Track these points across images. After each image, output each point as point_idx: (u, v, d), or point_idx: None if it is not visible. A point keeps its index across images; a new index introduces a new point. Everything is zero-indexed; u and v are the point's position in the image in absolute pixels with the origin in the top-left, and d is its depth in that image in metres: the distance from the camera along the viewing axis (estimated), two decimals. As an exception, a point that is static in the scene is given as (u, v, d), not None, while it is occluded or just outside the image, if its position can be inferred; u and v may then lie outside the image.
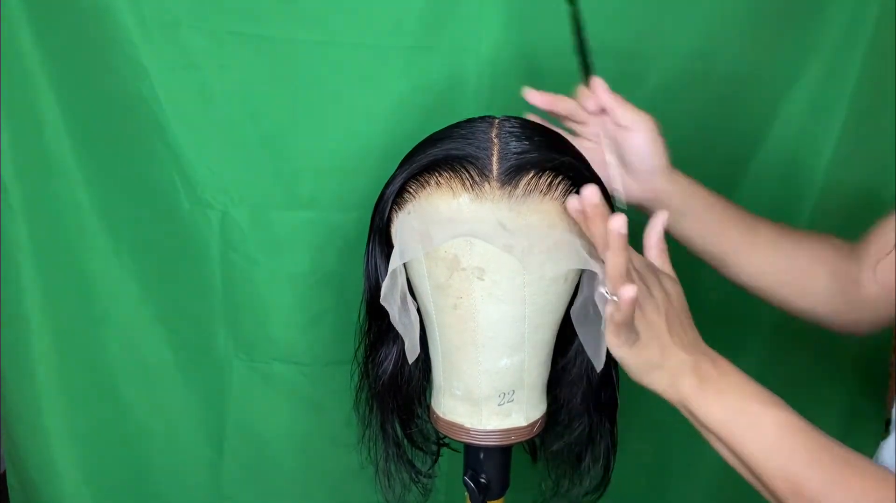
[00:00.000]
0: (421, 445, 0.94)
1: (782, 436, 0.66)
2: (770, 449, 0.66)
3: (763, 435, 0.66)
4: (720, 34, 1.01)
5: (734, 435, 0.68)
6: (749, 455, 0.67)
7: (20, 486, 1.18)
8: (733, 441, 0.68)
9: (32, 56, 0.97)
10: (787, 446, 0.65)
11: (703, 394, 0.69)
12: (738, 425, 0.68)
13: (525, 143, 0.74)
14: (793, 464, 0.65)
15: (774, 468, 0.66)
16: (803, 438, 0.65)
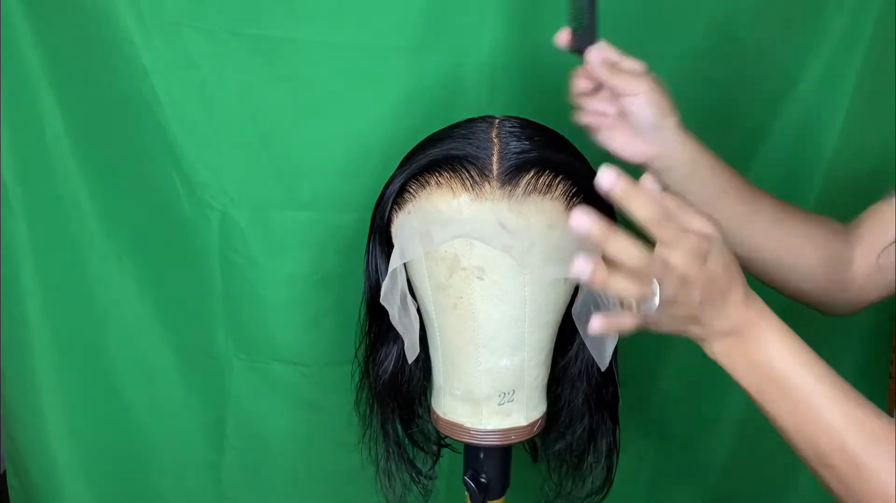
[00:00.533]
0: (421, 445, 0.94)
1: (812, 418, 0.65)
2: (798, 425, 0.65)
3: (792, 412, 0.65)
4: (720, 34, 1.01)
5: (763, 402, 0.67)
6: (778, 422, 0.67)
7: (20, 486, 1.18)
8: (763, 406, 0.67)
9: (32, 56, 0.97)
10: (813, 429, 0.65)
11: (731, 361, 0.68)
12: (767, 397, 0.67)
13: (525, 142, 0.74)
14: (819, 443, 0.64)
15: (802, 440, 0.65)
16: (833, 419, 0.64)
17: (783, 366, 0.65)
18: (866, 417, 0.64)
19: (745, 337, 0.66)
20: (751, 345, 0.66)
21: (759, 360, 0.66)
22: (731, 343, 0.66)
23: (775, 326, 0.66)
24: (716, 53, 1.02)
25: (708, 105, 1.05)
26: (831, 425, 0.64)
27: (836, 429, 0.64)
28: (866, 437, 0.63)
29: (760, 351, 0.66)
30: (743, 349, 0.66)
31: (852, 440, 0.63)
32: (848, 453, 0.63)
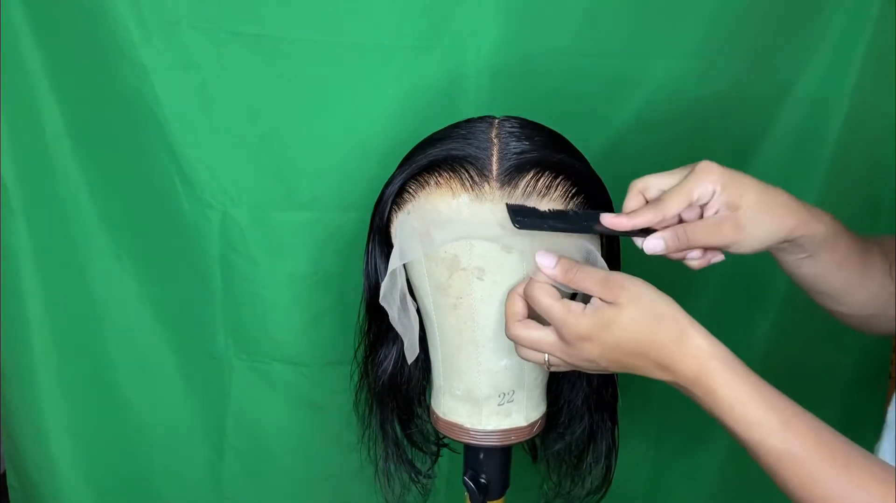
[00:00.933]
0: (420, 445, 0.94)
1: (779, 467, 0.61)
2: (769, 470, 0.62)
3: (760, 459, 0.62)
4: (720, 34, 1.01)
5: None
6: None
7: (20, 486, 1.18)
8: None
9: (32, 56, 0.97)
10: (782, 476, 0.61)
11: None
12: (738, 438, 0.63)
13: (525, 143, 0.74)
14: (790, 486, 0.61)
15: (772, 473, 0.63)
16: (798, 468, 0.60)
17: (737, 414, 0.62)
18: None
19: (693, 392, 0.64)
20: (704, 399, 0.64)
21: (714, 411, 0.63)
22: (688, 394, 0.65)
23: (721, 380, 0.63)
24: (715, 53, 1.02)
25: (708, 105, 1.05)
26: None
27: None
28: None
29: (715, 404, 0.63)
30: (699, 401, 0.64)
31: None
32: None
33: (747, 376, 0.63)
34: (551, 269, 0.68)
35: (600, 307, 0.65)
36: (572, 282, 0.67)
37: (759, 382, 0.63)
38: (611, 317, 0.64)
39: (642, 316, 0.64)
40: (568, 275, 0.68)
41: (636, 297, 0.64)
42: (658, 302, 0.65)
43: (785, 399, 0.62)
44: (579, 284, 0.67)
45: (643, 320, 0.64)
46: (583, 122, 0.97)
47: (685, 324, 0.64)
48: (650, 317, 0.64)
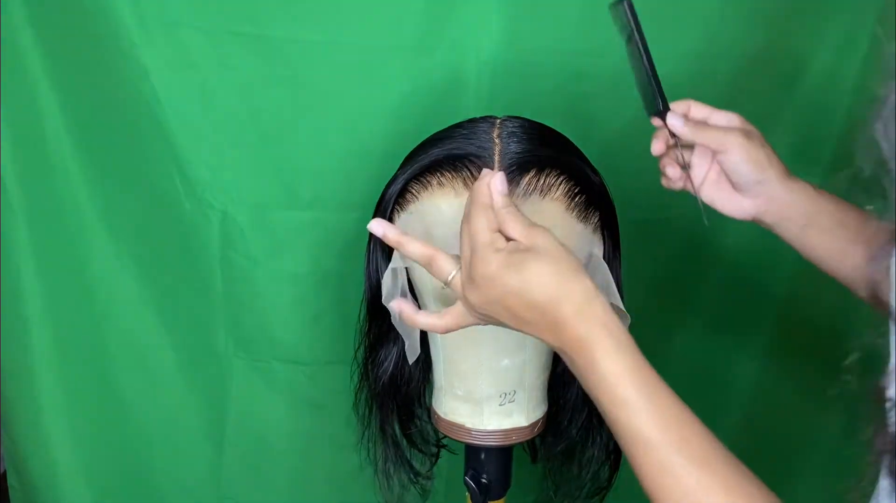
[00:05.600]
0: (420, 446, 0.94)
1: (635, 450, 0.59)
2: (626, 451, 0.60)
3: (620, 439, 0.61)
4: (720, 35, 1.01)
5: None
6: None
7: (20, 486, 1.18)
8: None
9: (32, 56, 0.97)
10: (638, 461, 0.59)
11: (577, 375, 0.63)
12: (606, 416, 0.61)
13: (526, 142, 0.74)
14: (643, 472, 0.59)
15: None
16: (653, 455, 0.58)
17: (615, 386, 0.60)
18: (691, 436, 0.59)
19: (574, 360, 0.62)
20: (584, 368, 0.61)
21: (589, 380, 0.61)
22: (569, 361, 0.63)
23: (603, 350, 0.60)
24: (716, 54, 1.02)
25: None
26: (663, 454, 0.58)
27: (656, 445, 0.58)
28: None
29: (592, 372, 0.60)
30: (579, 370, 0.62)
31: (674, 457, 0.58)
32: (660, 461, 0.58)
33: (632, 354, 0.61)
34: (500, 191, 0.64)
35: (515, 249, 0.62)
36: (503, 218, 0.63)
37: (641, 363, 0.61)
38: (522, 259, 0.61)
39: (553, 268, 0.61)
40: (504, 208, 0.64)
41: (552, 249, 0.62)
42: (571, 261, 0.62)
43: (663, 387, 0.61)
44: (506, 223, 0.63)
45: (552, 272, 0.61)
46: (583, 121, 0.97)
47: (592, 290, 0.61)
48: (560, 271, 0.61)
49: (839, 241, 0.76)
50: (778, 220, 0.77)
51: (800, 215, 0.76)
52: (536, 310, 0.61)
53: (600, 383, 0.60)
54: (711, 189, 0.79)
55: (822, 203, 0.77)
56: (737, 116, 0.77)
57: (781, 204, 0.77)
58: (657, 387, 0.60)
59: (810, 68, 1.07)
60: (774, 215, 0.77)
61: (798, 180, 0.77)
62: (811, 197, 0.76)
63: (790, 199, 0.76)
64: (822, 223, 0.76)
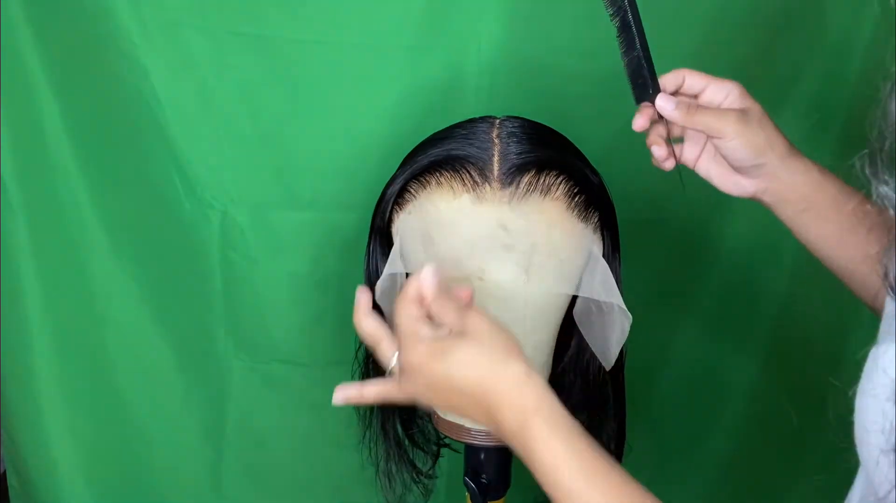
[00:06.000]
0: (422, 445, 0.94)
1: None
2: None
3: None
4: (720, 35, 1.01)
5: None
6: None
7: (20, 486, 1.18)
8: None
9: (32, 56, 0.97)
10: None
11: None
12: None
13: (526, 143, 0.74)
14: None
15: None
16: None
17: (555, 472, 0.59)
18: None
19: (512, 445, 0.60)
20: (522, 454, 0.60)
21: (544, 456, 0.59)
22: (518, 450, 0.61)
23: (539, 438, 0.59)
24: (714, 54, 1.02)
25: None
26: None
27: None
28: None
29: (533, 460, 0.59)
30: (518, 454, 0.61)
31: None
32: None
33: (567, 438, 0.59)
34: (430, 282, 0.62)
35: (441, 338, 0.61)
36: (436, 308, 0.62)
37: (577, 446, 0.59)
38: (448, 346, 0.60)
39: (480, 352, 0.59)
40: (434, 300, 0.62)
41: (483, 331, 0.60)
42: (505, 342, 0.60)
43: (602, 466, 0.58)
44: (438, 310, 0.62)
45: (479, 357, 0.59)
46: (583, 122, 0.96)
47: (523, 373, 0.59)
48: (489, 355, 0.59)
49: (837, 228, 0.73)
50: (776, 201, 0.74)
51: (799, 198, 0.73)
52: (465, 396, 0.60)
53: (538, 471, 0.59)
54: (708, 164, 0.76)
55: (824, 186, 0.73)
56: (736, 86, 0.73)
57: (781, 185, 0.73)
58: (596, 469, 0.58)
59: (811, 68, 1.07)
60: (773, 196, 0.74)
61: (802, 159, 0.73)
62: (814, 180, 0.73)
63: (791, 181, 0.73)
64: (821, 208, 0.73)
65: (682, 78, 0.75)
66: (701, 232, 1.15)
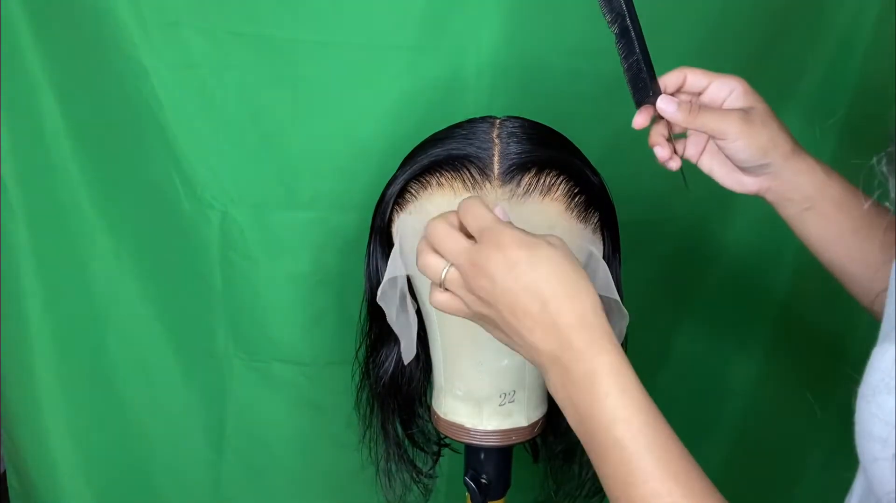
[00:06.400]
0: (422, 445, 0.94)
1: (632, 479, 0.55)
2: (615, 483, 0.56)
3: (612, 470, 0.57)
4: (722, 34, 1.01)
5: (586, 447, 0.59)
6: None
7: (20, 486, 1.18)
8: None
9: (32, 56, 0.97)
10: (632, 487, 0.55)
11: (558, 395, 0.59)
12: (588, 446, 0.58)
13: (526, 143, 0.74)
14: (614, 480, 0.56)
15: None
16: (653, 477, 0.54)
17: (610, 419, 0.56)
18: (687, 475, 0.55)
19: (570, 372, 0.57)
20: (576, 383, 0.56)
21: (582, 403, 0.57)
22: (557, 374, 0.57)
23: (609, 369, 0.56)
24: (715, 53, 1.02)
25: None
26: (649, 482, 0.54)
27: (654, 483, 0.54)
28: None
29: (585, 393, 0.56)
30: (568, 386, 0.57)
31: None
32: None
33: (637, 392, 0.57)
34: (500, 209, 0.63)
35: (533, 235, 0.58)
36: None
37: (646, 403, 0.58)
38: (537, 242, 0.57)
39: (566, 273, 0.56)
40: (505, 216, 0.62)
41: (568, 256, 0.57)
42: (584, 277, 0.58)
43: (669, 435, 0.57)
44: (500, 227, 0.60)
45: (561, 264, 0.57)
46: (583, 122, 0.96)
47: (599, 312, 0.57)
48: (574, 280, 0.56)
49: (838, 229, 0.72)
50: (779, 200, 0.74)
51: (803, 198, 0.72)
52: (534, 319, 0.57)
53: (596, 427, 0.56)
54: (711, 162, 0.76)
55: (828, 186, 0.72)
56: (739, 83, 0.72)
57: (785, 184, 0.72)
58: (660, 443, 0.56)
59: (811, 68, 1.07)
60: (776, 194, 0.74)
61: (806, 158, 0.72)
62: (818, 179, 0.72)
63: (795, 180, 0.72)
64: (824, 208, 0.72)
65: (683, 76, 0.75)
66: (701, 232, 1.15)
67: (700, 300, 1.20)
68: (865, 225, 0.72)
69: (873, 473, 0.47)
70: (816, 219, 0.73)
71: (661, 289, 1.16)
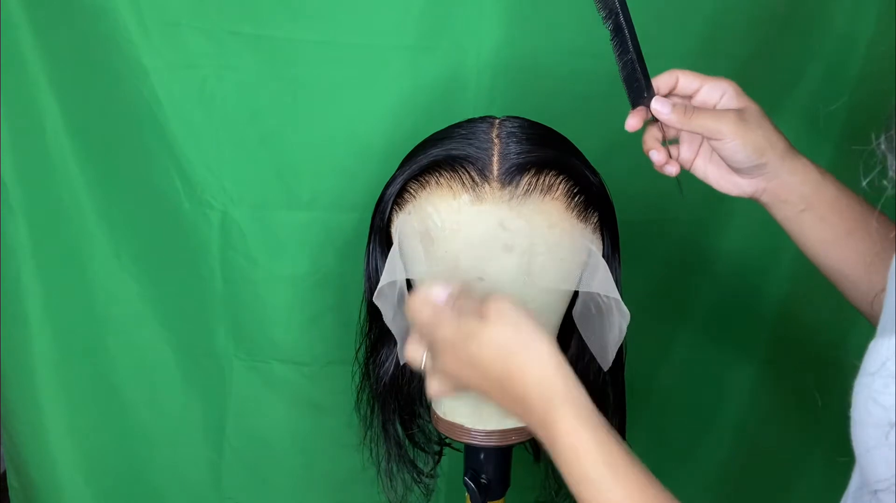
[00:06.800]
0: (423, 445, 0.94)
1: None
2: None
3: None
4: (720, 35, 1.01)
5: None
6: None
7: (20, 486, 1.18)
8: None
9: (32, 56, 0.97)
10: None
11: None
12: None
13: (525, 143, 0.74)
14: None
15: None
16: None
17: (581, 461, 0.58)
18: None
19: (539, 435, 0.60)
20: (562, 436, 0.58)
21: (568, 449, 0.58)
22: (542, 438, 0.60)
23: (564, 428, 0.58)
24: (715, 54, 1.02)
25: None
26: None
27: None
28: None
29: (573, 441, 0.58)
30: (557, 436, 0.59)
31: None
32: None
33: (594, 429, 0.58)
34: (446, 299, 0.65)
35: (470, 318, 0.61)
36: (457, 307, 0.64)
37: (602, 434, 0.58)
38: (474, 329, 0.60)
39: (507, 339, 0.60)
40: (455, 302, 0.65)
41: (505, 319, 0.60)
42: (527, 329, 0.60)
43: (628, 460, 0.58)
44: (461, 307, 0.64)
45: (507, 344, 0.60)
46: (583, 122, 0.96)
47: (548, 361, 0.59)
48: (516, 341, 0.60)
49: (833, 231, 0.72)
50: (774, 201, 0.73)
51: (798, 198, 0.72)
52: (492, 382, 0.60)
53: (562, 461, 0.58)
54: (705, 165, 0.76)
55: (823, 187, 0.72)
56: (731, 85, 0.72)
57: (780, 185, 0.72)
58: (620, 463, 0.58)
59: (810, 68, 1.07)
60: (771, 196, 0.73)
61: (801, 159, 0.72)
62: (813, 180, 0.72)
63: (790, 181, 0.72)
64: (819, 209, 0.72)
65: (675, 79, 0.75)
66: (701, 233, 1.15)
67: (699, 300, 1.20)
68: (860, 226, 0.71)
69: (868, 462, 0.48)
70: (812, 220, 0.73)
71: (661, 289, 1.16)
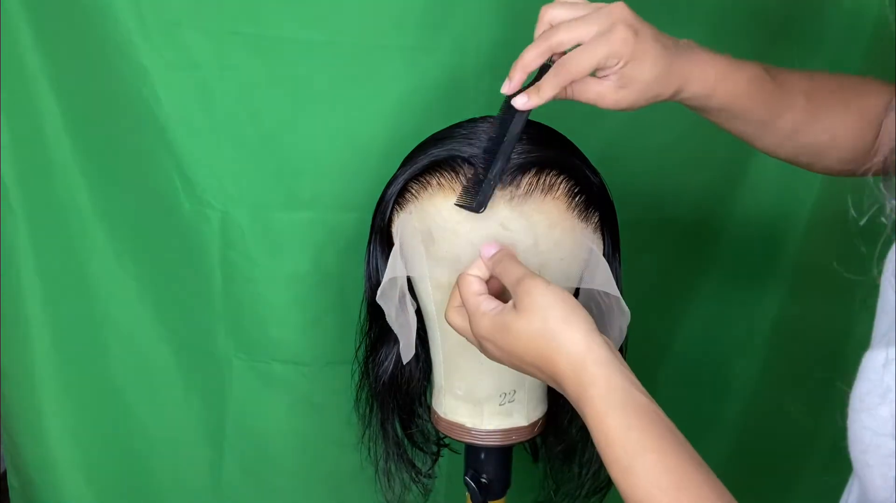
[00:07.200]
0: (421, 445, 0.94)
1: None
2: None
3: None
4: (721, 34, 1.01)
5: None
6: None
7: (20, 486, 1.18)
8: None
9: (32, 56, 0.97)
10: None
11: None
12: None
13: (526, 142, 0.74)
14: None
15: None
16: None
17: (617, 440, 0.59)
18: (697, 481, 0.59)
19: (584, 411, 0.60)
20: (591, 420, 0.60)
21: (598, 433, 0.60)
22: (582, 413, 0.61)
23: (607, 402, 0.60)
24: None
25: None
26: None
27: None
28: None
29: (601, 426, 0.59)
30: (588, 420, 0.61)
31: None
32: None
33: (623, 415, 0.60)
34: (488, 259, 0.69)
35: (503, 311, 0.64)
36: (497, 273, 0.68)
37: (632, 419, 0.60)
38: (507, 321, 0.63)
39: (534, 328, 0.61)
40: (495, 267, 0.68)
41: (536, 308, 0.62)
42: (553, 321, 0.61)
43: (655, 438, 0.60)
44: (501, 277, 0.67)
45: (534, 333, 0.61)
46: (582, 121, 0.97)
47: (579, 347, 0.60)
48: (542, 332, 0.61)
49: (755, 124, 0.75)
50: (695, 98, 0.72)
51: (697, 89, 0.71)
52: (532, 366, 0.63)
53: (596, 445, 0.60)
54: (586, 90, 0.72)
55: (722, 84, 0.71)
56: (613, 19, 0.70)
57: (673, 87, 0.71)
58: (648, 448, 0.59)
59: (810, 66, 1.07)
60: (689, 93, 0.71)
61: (706, 52, 0.73)
62: (701, 73, 0.71)
63: (701, 76, 0.71)
64: (728, 108, 0.73)
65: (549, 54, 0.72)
66: (701, 232, 1.15)
67: (699, 300, 1.20)
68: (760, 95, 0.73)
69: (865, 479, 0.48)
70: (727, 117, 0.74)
71: (661, 288, 1.16)
